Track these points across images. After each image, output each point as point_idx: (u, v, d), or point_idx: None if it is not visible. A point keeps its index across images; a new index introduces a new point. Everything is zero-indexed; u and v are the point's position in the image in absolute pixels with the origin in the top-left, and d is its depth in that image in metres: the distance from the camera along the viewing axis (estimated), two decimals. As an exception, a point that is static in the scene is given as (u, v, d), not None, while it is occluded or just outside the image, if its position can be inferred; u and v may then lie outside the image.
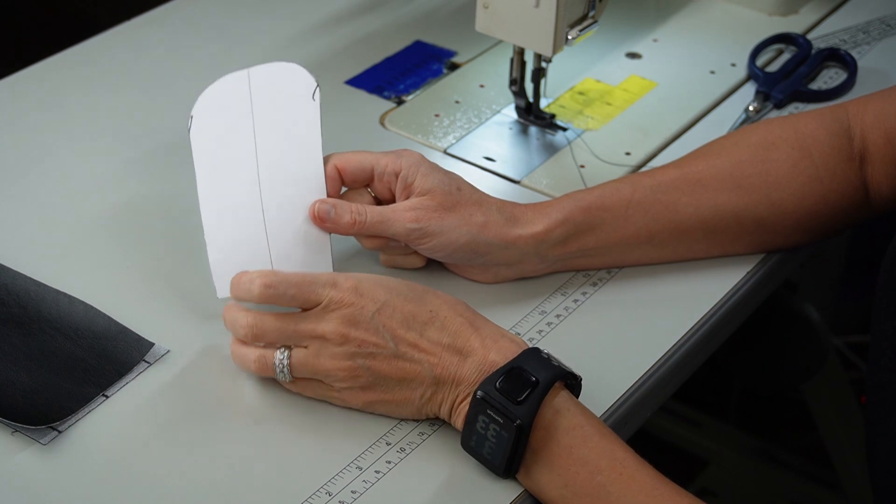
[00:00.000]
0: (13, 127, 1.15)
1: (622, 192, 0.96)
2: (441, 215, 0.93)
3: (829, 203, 0.97)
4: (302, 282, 0.85)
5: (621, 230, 0.96)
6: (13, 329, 0.91)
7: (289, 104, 0.95)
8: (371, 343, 0.84)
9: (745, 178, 0.97)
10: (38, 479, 0.82)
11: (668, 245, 0.98)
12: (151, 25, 1.29)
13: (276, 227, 0.92)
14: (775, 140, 0.98)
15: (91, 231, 1.03)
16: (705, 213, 0.97)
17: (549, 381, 0.81)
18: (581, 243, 0.96)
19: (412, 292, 0.86)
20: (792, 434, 1.72)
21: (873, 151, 0.97)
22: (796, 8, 1.31)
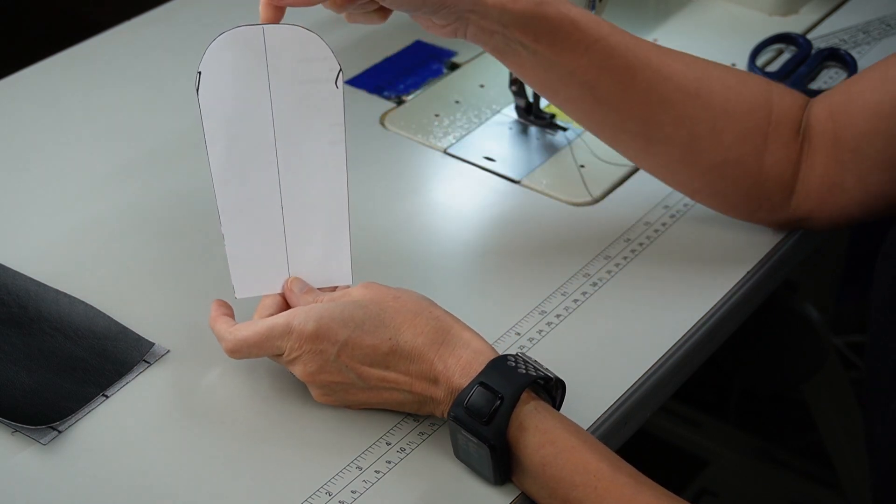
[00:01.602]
0: (13, 127, 1.15)
1: (601, 27, 0.93)
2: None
3: (761, 161, 0.96)
4: (260, 340, 0.85)
5: (576, 57, 0.93)
6: (13, 329, 0.91)
7: (310, 85, 0.87)
8: (339, 382, 0.85)
9: (707, 93, 0.95)
10: (38, 479, 0.82)
11: (605, 105, 0.95)
12: (151, 25, 1.29)
13: (293, 224, 0.89)
14: (750, 80, 0.98)
15: (91, 231, 1.03)
16: (654, 98, 0.95)
17: (514, 396, 0.80)
18: (537, 40, 0.91)
19: (371, 320, 0.84)
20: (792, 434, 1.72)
21: (814, 125, 0.96)
22: (796, 8, 1.31)
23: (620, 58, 0.93)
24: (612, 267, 1.00)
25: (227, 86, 0.87)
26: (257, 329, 0.85)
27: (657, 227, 1.03)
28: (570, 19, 0.92)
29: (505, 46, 0.92)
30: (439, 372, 0.83)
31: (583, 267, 1.00)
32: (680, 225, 1.04)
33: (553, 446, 0.79)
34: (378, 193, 1.07)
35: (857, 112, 0.95)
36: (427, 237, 1.03)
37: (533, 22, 0.91)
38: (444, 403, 0.83)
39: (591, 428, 0.87)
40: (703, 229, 1.03)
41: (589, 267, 1.00)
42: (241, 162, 0.87)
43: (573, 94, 0.95)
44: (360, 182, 1.08)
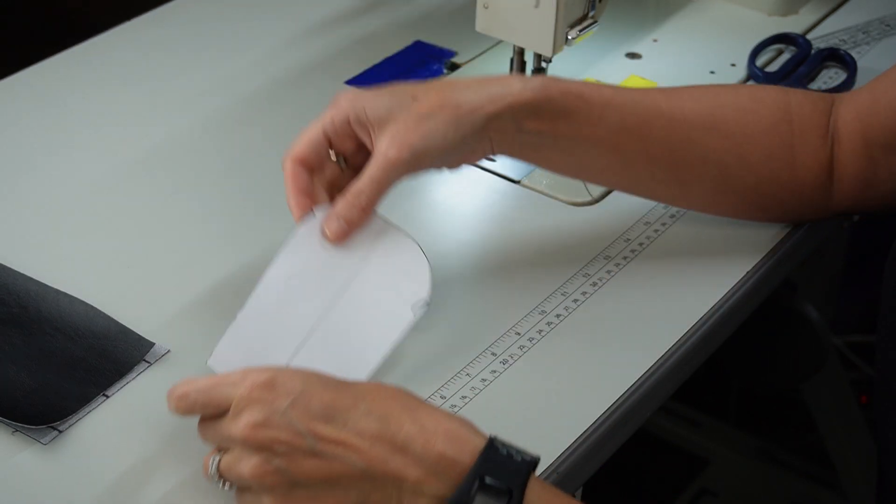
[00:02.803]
0: (13, 127, 1.15)
1: (604, 92, 0.94)
2: (416, 126, 0.88)
3: (794, 173, 0.97)
4: (209, 386, 0.77)
5: (594, 127, 0.93)
6: (13, 329, 0.91)
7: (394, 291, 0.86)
8: (284, 442, 0.73)
9: (724, 123, 0.96)
10: (39, 478, 0.82)
11: (634, 163, 0.96)
12: (151, 26, 1.29)
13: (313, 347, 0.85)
14: (764, 96, 0.98)
15: (91, 231, 1.03)
16: (675, 141, 0.95)
17: (522, 487, 0.72)
18: (554, 125, 0.92)
19: (335, 380, 0.76)
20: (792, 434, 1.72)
21: (842, 127, 0.97)
22: (796, 8, 1.31)
23: (632, 114, 0.94)
24: (612, 267, 1.00)
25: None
26: (209, 378, 0.78)
27: (657, 227, 1.03)
28: (574, 93, 0.93)
29: (528, 142, 0.94)
30: (412, 434, 0.72)
31: (583, 267, 1.00)
32: (680, 225, 1.04)
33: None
34: (378, 193, 1.07)
35: (883, 110, 0.95)
36: (427, 237, 1.03)
37: (543, 106, 0.92)
38: (411, 481, 0.72)
39: (591, 428, 0.87)
40: (703, 229, 1.03)
41: (589, 267, 1.00)
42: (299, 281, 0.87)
43: (602, 164, 0.96)
44: (360, 182, 1.08)
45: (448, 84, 0.92)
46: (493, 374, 0.90)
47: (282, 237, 1.01)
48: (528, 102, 0.91)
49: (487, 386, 0.89)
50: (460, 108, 0.89)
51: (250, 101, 1.18)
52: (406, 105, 0.89)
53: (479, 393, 0.89)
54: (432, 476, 0.72)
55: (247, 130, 1.14)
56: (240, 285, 0.97)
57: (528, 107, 0.92)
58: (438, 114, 0.89)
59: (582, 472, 0.87)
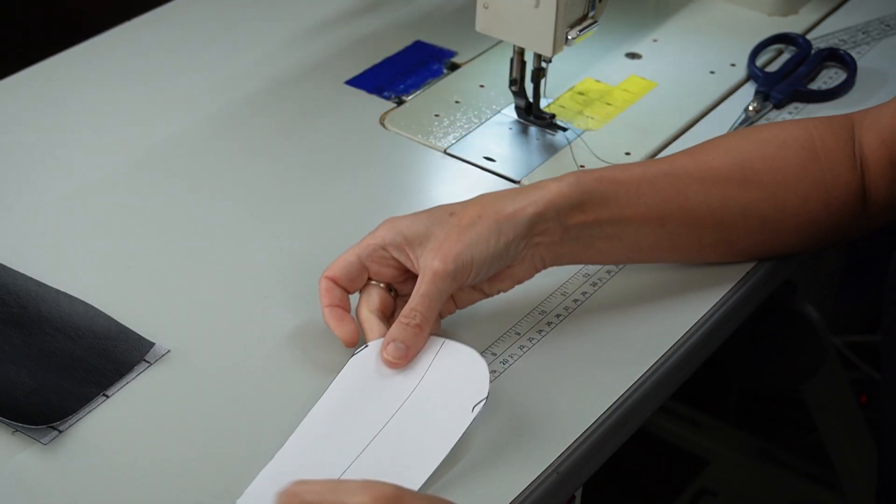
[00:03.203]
0: (13, 127, 1.15)
1: (633, 170, 0.95)
2: (459, 237, 0.88)
3: (830, 208, 0.97)
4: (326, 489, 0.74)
5: (634, 207, 0.94)
6: (14, 329, 0.91)
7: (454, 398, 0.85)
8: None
9: (755, 174, 0.96)
10: (39, 478, 0.82)
11: (680, 233, 0.96)
12: (151, 26, 1.29)
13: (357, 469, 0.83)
14: (787, 138, 0.98)
15: (91, 231, 1.03)
16: (714, 203, 0.96)
17: None
18: (597, 214, 0.92)
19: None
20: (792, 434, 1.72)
21: (868, 155, 0.97)
22: (796, 8, 1.31)
23: (666, 185, 0.94)
24: (612, 267, 1.00)
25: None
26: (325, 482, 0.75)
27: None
28: (608, 179, 0.93)
29: (575, 237, 0.93)
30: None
31: (583, 267, 1.00)
32: (680, 225, 1.04)
33: None
34: (378, 193, 1.07)
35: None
36: (427, 237, 1.03)
37: (582, 199, 0.92)
38: None
39: (591, 428, 0.87)
40: (702, 229, 1.03)
41: (589, 267, 1.00)
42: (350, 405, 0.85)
43: (651, 241, 0.96)
44: (360, 182, 1.08)
45: (485, 196, 0.91)
46: (493, 374, 0.90)
47: (281, 237, 1.01)
48: (568, 197, 0.91)
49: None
50: (500, 213, 0.89)
51: (250, 101, 1.18)
52: (444, 220, 0.89)
53: (479, 393, 0.89)
54: None
55: (247, 130, 1.14)
56: (240, 285, 0.97)
57: (569, 202, 0.91)
58: (479, 222, 0.89)
59: (582, 472, 0.87)
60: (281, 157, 1.11)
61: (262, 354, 0.91)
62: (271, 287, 0.97)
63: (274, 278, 0.98)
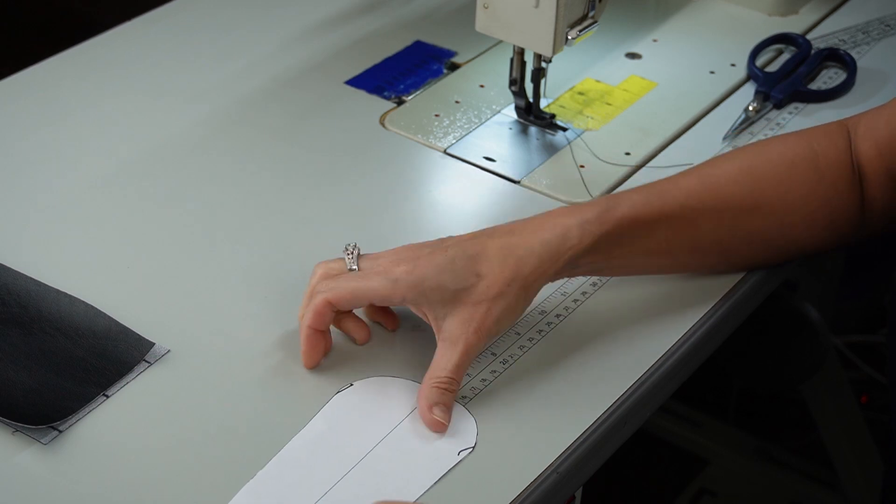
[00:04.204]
0: (13, 127, 1.15)
1: (653, 205, 0.95)
2: (489, 311, 0.88)
3: (834, 225, 0.98)
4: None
5: (646, 243, 0.95)
6: (14, 329, 0.91)
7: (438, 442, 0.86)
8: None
9: (764, 200, 0.97)
10: (39, 478, 0.82)
11: (683, 259, 0.98)
12: (152, 26, 1.29)
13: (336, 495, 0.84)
14: (794, 159, 0.98)
15: (91, 231, 1.03)
16: (723, 233, 0.97)
17: None
18: (607, 256, 0.94)
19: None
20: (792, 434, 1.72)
21: (865, 164, 0.97)
22: (796, 8, 1.31)
23: (680, 218, 0.95)
24: (612, 267, 1.00)
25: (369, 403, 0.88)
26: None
27: (657, 227, 1.03)
28: (627, 219, 0.93)
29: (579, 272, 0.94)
30: None
31: (583, 267, 1.00)
32: (680, 225, 1.04)
33: None
34: (378, 193, 1.07)
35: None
36: (427, 237, 1.03)
37: (599, 245, 0.92)
38: None
39: (591, 428, 0.87)
40: (702, 229, 1.03)
41: (589, 267, 1.00)
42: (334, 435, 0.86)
43: (654, 267, 0.98)
44: (360, 182, 1.08)
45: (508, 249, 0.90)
46: (492, 374, 0.90)
47: (281, 237, 1.01)
48: (586, 250, 0.92)
49: (487, 386, 0.89)
50: (526, 279, 0.89)
51: (250, 101, 1.18)
52: (471, 285, 0.88)
53: (478, 393, 0.89)
54: None
55: (247, 130, 1.14)
56: (240, 285, 0.97)
57: (586, 250, 0.92)
58: (507, 292, 0.89)
59: (582, 473, 0.87)
60: (281, 157, 1.11)
61: (262, 354, 0.91)
62: (271, 287, 0.97)
63: (274, 278, 0.98)
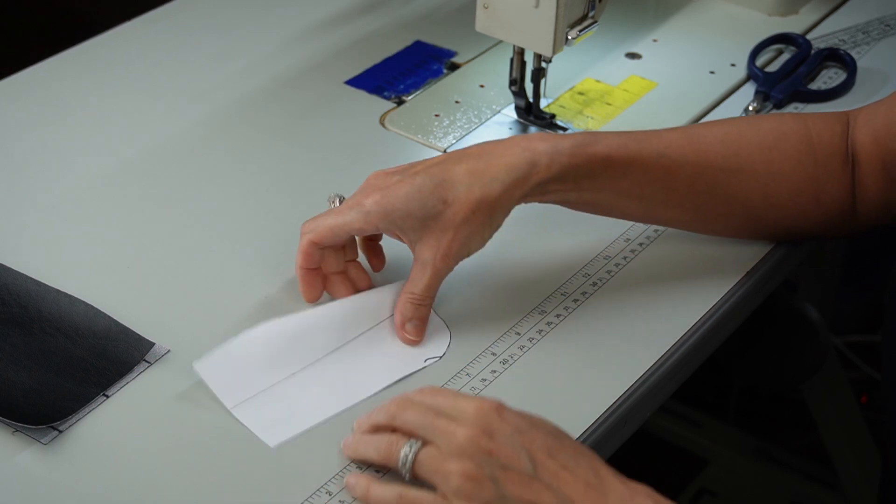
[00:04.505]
0: (13, 127, 1.15)
1: (629, 149, 0.94)
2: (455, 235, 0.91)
3: (820, 204, 0.97)
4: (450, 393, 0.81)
5: (617, 182, 0.94)
6: (14, 329, 0.91)
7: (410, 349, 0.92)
8: (506, 455, 0.76)
9: (749, 163, 0.96)
10: (39, 478, 0.82)
11: (655, 207, 0.97)
12: (152, 26, 1.29)
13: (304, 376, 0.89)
14: (787, 130, 0.98)
15: (91, 231, 1.03)
16: (700, 187, 0.96)
17: None
18: (576, 186, 0.94)
19: (557, 431, 0.79)
20: (792, 434, 1.72)
21: (860, 151, 0.97)
22: (796, 8, 1.31)
23: (658, 168, 0.95)
24: (613, 267, 1.00)
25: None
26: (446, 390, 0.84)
27: (657, 226, 1.03)
28: (601, 157, 0.93)
29: (551, 199, 0.95)
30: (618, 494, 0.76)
31: (582, 267, 1.00)
32: (680, 225, 1.04)
33: None
34: (378, 193, 1.07)
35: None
36: (427, 237, 1.03)
37: (567, 175, 0.93)
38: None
39: (591, 428, 0.87)
40: (702, 229, 1.03)
41: (589, 267, 1.00)
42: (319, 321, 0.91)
43: (624, 209, 0.97)
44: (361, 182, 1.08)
45: (474, 175, 0.91)
46: (492, 374, 0.90)
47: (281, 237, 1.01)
48: (554, 178, 0.92)
49: (487, 386, 0.89)
50: (492, 205, 0.91)
51: (250, 101, 1.18)
52: (438, 212, 0.90)
53: (479, 393, 0.89)
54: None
55: (247, 130, 1.14)
56: (240, 285, 0.97)
57: (554, 177, 0.92)
58: (473, 219, 0.90)
59: (582, 472, 0.87)
60: (281, 157, 1.11)
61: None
62: (271, 287, 0.97)
63: (274, 278, 0.98)
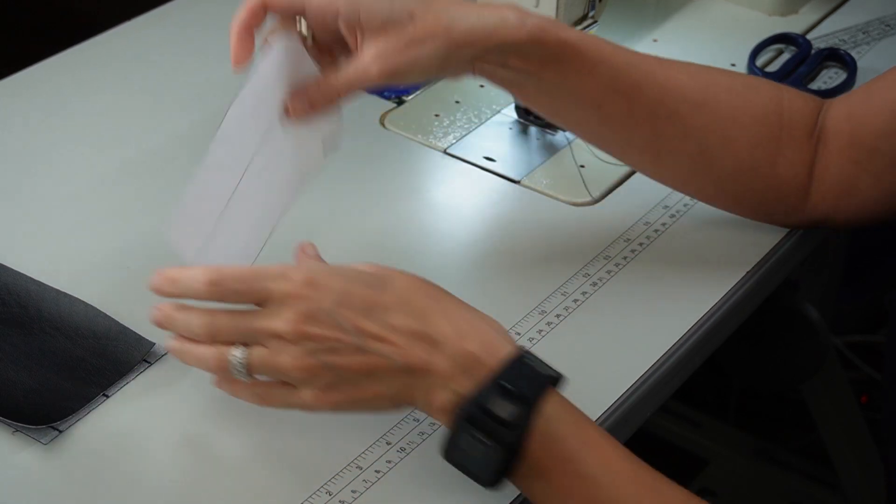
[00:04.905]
0: (13, 127, 1.15)
1: (602, 48, 0.92)
2: (406, 50, 0.87)
3: (775, 166, 0.96)
4: (249, 276, 0.80)
5: (581, 80, 0.92)
6: (14, 329, 0.91)
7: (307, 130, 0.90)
8: (331, 338, 0.78)
9: (714, 101, 0.95)
10: (39, 478, 0.83)
11: (612, 124, 0.95)
12: (152, 25, 1.29)
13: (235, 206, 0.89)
14: (760, 86, 0.97)
15: (91, 231, 1.03)
16: (661, 111, 0.94)
17: (538, 397, 0.76)
18: (539, 68, 0.91)
19: (373, 278, 0.80)
20: (792, 434, 1.72)
21: (830, 127, 0.96)
22: (796, 8, 1.31)
23: (625, 77, 0.93)
24: (612, 267, 1.00)
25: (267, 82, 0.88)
26: (247, 268, 0.81)
27: (657, 227, 1.04)
28: (570, 44, 0.91)
29: (510, 78, 0.92)
30: (446, 333, 0.77)
31: (583, 267, 1.00)
32: (680, 225, 1.04)
33: (578, 442, 0.77)
34: (378, 193, 1.07)
35: (876, 109, 0.94)
36: (427, 237, 1.03)
37: (533, 50, 0.90)
38: (437, 375, 0.77)
39: (591, 428, 0.87)
40: (703, 229, 1.03)
41: (589, 267, 1.00)
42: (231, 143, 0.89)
43: (579, 116, 0.95)
44: (361, 182, 1.08)
45: (447, 10, 0.88)
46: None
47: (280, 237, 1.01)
48: (520, 43, 0.89)
49: (487, 386, 0.89)
50: (453, 39, 0.87)
51: (250, 101, 1.18)
52: (402, 23, 0.87)
53: (479, 393, 0.89)
54: (460, 373, 0.77)
55: (247, 130, 1.14)
56: (240, 285, 0.97)
57: (519, 47, 0.89)
58: (430, 42, 0.87)
59: (582, 472, 0.87)
60: (281, 157, 1.11)
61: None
62: (271, 287, 0.97)
63: (274, 278, 0.98)
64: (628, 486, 0.77)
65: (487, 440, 0.76)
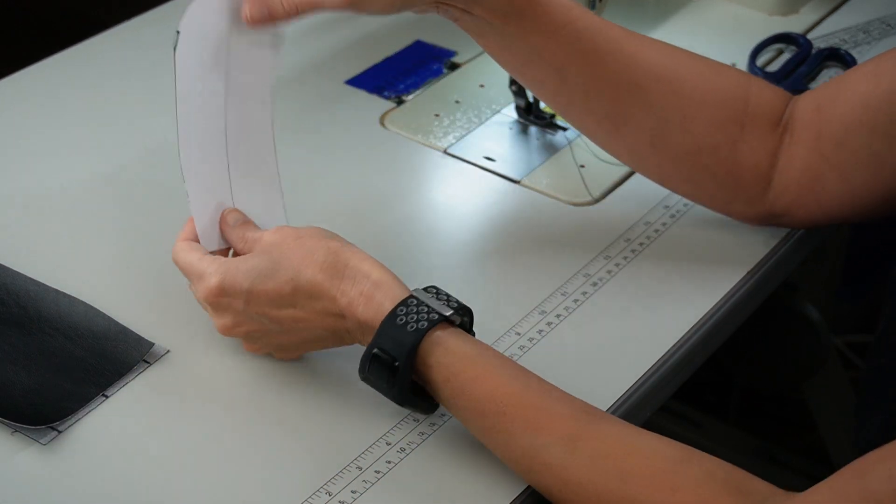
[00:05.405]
0: (13, 126, 1.15)
1: (571, 11, 0.92)
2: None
3: (736, 152, 0.95)
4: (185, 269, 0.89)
5: (545, 39, 0.91)
6: (13, 329, 0.91)
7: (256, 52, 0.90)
8: (256, 329, 0.87)
9: (678, 79, 0.94)
10: (38, 479, 0.82)
11: (572, 88, 0.94)
12: (152, 25, 1.29)
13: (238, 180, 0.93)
14: (728, 72, 0.97)
15: (91, 231, 1.03)
16: (623, 82, 0.94)
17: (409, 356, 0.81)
18: (503, 20, 0.91)
19: (269, 266, 0.85)
20: (792, 434, 1.72)
21: (798, 118, 0.95)
22: (796, 8, 1.31)
23: (590, 41, 0.92)
24: (612, 267, 1.00)
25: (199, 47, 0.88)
26: (184, 257, 0.89)
27: (657, 227, 1.04)
28: (536, 1, 0.90)
29: (474, 26, 0.92)
30: (343, 307, 0.84)
31: (583, 267, 1.00)
32: (680, 225, 1.04)
33: (457, 379, 0.81)
34: (378, 193, 1.07)
35: (844, 103, 0.93)
36: (427, 237, 1.03)
37: (498, 3, 0.90)
38: (357, 334, 0.85)
39: (591, 428, 0.87)
40: (703, 229, 1.03)
41: (589, 267, 1.00)
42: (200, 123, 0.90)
43: (540, 76, 0.94)
44: (361, 182, 1.08)
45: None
46: (492, 374, 0.90)
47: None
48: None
49: (487, 386, 0.89)
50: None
51: (250, 101, 1.18)
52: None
53: (478, 393, 0.89)
54: (363, 336, 0.85)
55: (247, 130, 1.14)
56: (240, 285, 0.97)
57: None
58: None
59: (582, 473, 0.87)
60: (281, 157, 1.11)
61: (261, 354, 0.91)
62: (271, 287, 0.97)
63: (274, 278, 0.98)
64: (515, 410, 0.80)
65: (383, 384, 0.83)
